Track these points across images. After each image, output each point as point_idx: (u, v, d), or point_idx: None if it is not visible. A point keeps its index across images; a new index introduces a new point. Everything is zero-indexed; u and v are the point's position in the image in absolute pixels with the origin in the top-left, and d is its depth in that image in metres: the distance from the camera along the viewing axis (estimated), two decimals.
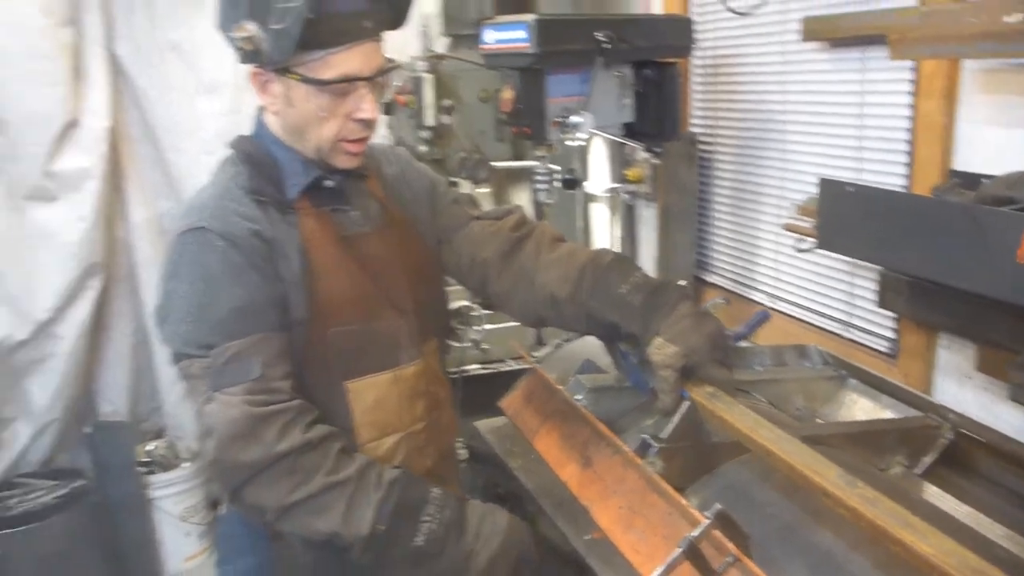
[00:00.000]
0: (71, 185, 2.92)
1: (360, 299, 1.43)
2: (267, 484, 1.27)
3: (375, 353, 1.45)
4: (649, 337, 1.34)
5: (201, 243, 1.33)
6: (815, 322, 2.21)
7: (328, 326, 1.40)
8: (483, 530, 1.35)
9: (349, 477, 1.28)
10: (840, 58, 2.03)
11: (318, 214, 1.43)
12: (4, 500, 2.97)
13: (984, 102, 1.66)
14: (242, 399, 1.26)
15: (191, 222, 1.36)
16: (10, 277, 2.89)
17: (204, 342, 1.31)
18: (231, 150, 1.46)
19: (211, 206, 1.37)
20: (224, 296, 1.31)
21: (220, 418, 1.26)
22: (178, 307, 1.34)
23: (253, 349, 1.30)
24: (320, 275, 1.39)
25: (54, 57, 2.77)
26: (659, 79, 2.23)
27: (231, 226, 1.34)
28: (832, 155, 2.08)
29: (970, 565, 0.86)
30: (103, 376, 3.34)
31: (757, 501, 1.28)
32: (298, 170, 1.42)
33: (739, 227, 2.53)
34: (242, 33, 1.27)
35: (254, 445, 1.25)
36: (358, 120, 1.36)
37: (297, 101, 1.34)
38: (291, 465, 1.26)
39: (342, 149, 1.39)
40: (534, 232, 1.60)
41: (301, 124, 1.37)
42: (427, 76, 2.64)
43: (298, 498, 1.26)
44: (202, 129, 3.12)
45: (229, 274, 1.32)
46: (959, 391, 1.79)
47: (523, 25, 1.99)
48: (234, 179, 1.40)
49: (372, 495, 1.28)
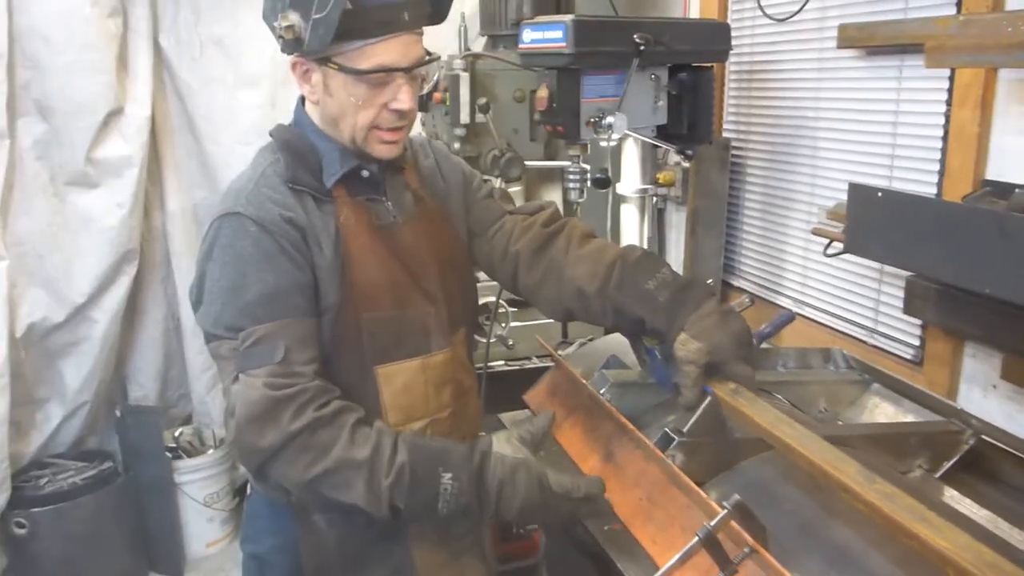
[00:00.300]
0: (112, 172, 2.99)
1: (392, 287, 1.46)
2: (286, 463, 1.30)
3: (405, 340, 1.48)
4: (674, 333, 1.35)
5: (235, 228, 1.36)
6: (841, 328, 2.21)
7: (361, 312, 1.42)
8: (503, 498, 1.34)
9: (364, 459, 1.30)
10: (876, 66, 2.03)
11: (354, 203, 1.46)
12: (35, 479, 3.04)
13: (1020, 112, 1.66)
14: (263, 381, 1.29)
15: (227, 207, 1.39)
16: (49, 260, 2.97)
17: (233, 324, 1.34)
18: (270, 138, 1.50)
19: (247, 192, 1.40)
20: (254, 280, 1.34)
21: (241, 399, 1.29)
22: (211, 289, 1.37)
23: (278, 333, 1.33)
24: (354, 262, 1.42)
25: (101, 47, 2.84)
26: (694, 83, 2.24)
27: (265, 212, 1.37)
28: (864, 163, 2.09)
29: (985, 560, 0.87)
30: (134, 361, 3.42)
31: (777, 498, 1.29)
32: (336, 159, 1.45)
33: (768, 232, 2.54)
34: (285, 22, 1.31)
35: (271, 427, 1.28)
36: (393, 111, 1.39)
37: (335, 90, 1.37)
38: (305, 442, 1.29)
39: (377, 138, 1.42)
40: (565, 228, 1.62)
41: (338, 113, 1.40)
42: (463, 75, 2.67)
43: (316, 473, 1.29)
44: (239, 121, 3.19)
45: (260, 259, 1.35)
46: (984, 400, 1.78)
47: (561, 26, 2.01)
48: (272, 166, 1.43)
49: (383, 480, 1.30)
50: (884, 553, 1.09)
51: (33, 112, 2.85)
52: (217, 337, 1.37)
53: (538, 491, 1.36)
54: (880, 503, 0.99)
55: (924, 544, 0.92)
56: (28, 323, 2.93)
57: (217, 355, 1.38)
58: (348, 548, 1.48)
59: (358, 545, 1.49)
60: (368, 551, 1.49)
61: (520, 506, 1.35)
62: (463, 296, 1.64)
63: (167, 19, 3.11)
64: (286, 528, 1.50)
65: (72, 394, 3.15)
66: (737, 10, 2.59)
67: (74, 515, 2.98)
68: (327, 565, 1.49)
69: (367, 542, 1.49)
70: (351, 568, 1.50)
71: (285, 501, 1.46)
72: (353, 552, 1.49)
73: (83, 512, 3.00)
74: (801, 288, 2.37)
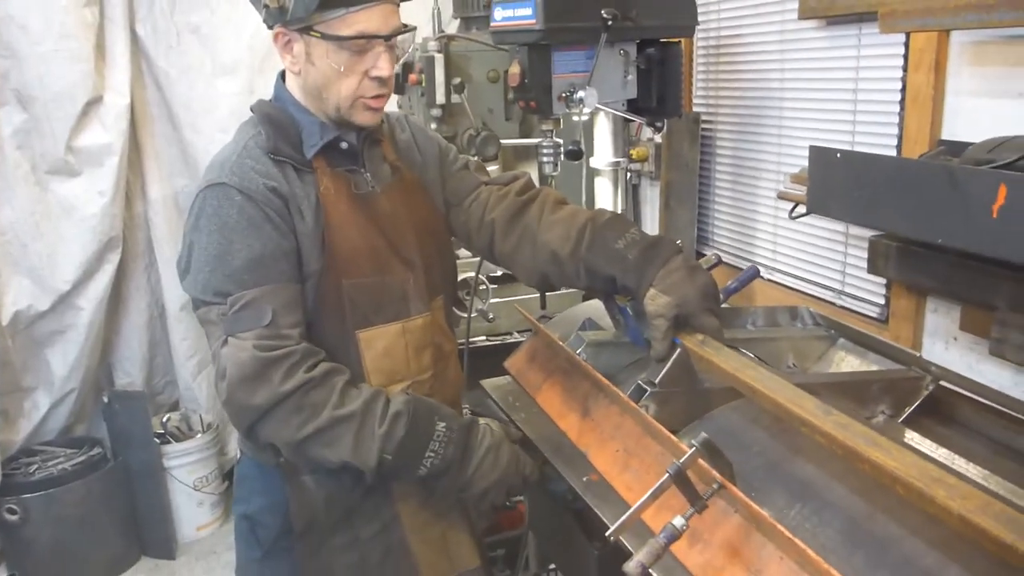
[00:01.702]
0: (93, 160, 3.02)
1: (371, 253, 1.51)
2: (278, 422, 1.36)
3: (385, 305, 1.54)
4: (644, 289, 1.42)
5: (220, 197, 1.41)
6: (810, 292, 2.29)
7: (341, 278, 1.48)
8: (484, 464, 1.45)
9: (355, 411, 1.37)
10: (836, 35, 2.10)
11: (333, 174, 1.51)
12: (25, 467, 3.08)
13: (971, 74, 1.73)
14: (252, 343, 1.35)
15: (211, 178, 1.44)
16: (32, 249, 3.00)
17: (221, 290, 1.39)
18: (252, 113, 1.54)
19: (231, 163, 1.44)
20: (240, 247, 1.39)
21: (231, 361, 1.35)
22: (198, 257, 1.43)
23: (265, 298, 1.38)
24: (335, 230, 1.48)
25: (78, 36, 2.87)
26: (662, 58, 2.29)
27: (248, 182, 1.41)
28: (827, 129, 2.16)
29: (930, 475, 0.93)
30: (119, 349, 3.46)
31: (744, 442, 1.35)
32: (315, 131, 1.50)
33: (738, 202, 2.61)
34: None
35: (262, 387, 1.34)
36: (374, 78, 1.44)
37: (317, 59, 1.42)
38: (298, 402, 1.35)
39: (362, 105, 1.47)
40: (539, 195, 1.68)
41: (321, 82, 1.44)
42: (438, 56, 2.72)
43: (308, 432, 1.35)
44: (218, 109, 3.23)
45: (245, 227, 1.40)
46: (945, 353, 1.86)
47: (530, 3, 2.06)
48: (254, 139, 1.48)
49: (377, 429, 1.37)
50: (844, 484, 1.16)
51: (12, 101, 2.88)
52: (206, 303, 1.42)
53: (515, 468, 1.51)
54: (836, 432, 1.05)
55: (876, 466, 0.99)
56: (13, 311, 2.97)
57: (206, 320, 1.43)
58: (335, 506, 1.55)
59: (345, 503, 1.55)
60: (355, 508, 1.56)
61: (499, 477, 1.48)
62: (441, 263, 1.69)
63: (143, 8, 3.14)
64: (275, 488, 1.55)
65: (59, 382, 3.18)
66: None
67: (65, 500, 3.03)
68: (316, 523, 1.55)
69: (354, 500, 1.55)
70: (340, 525, 1.56)
71: (274, 463, 1.52)
72: (341, 510, 1.55)
73: (74, 497, 3.05)
74: (772, 254, 2.44)
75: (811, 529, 1.13)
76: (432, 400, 1.51)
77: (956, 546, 0.98)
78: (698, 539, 1.17)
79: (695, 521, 1.12)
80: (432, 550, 1.60)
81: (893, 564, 1.02)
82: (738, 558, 1.11)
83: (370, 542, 1.57)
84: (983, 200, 1.32)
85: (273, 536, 1.58)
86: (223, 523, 3.54)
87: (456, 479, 1.44)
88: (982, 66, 1.70)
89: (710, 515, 1.15)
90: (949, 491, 0.89)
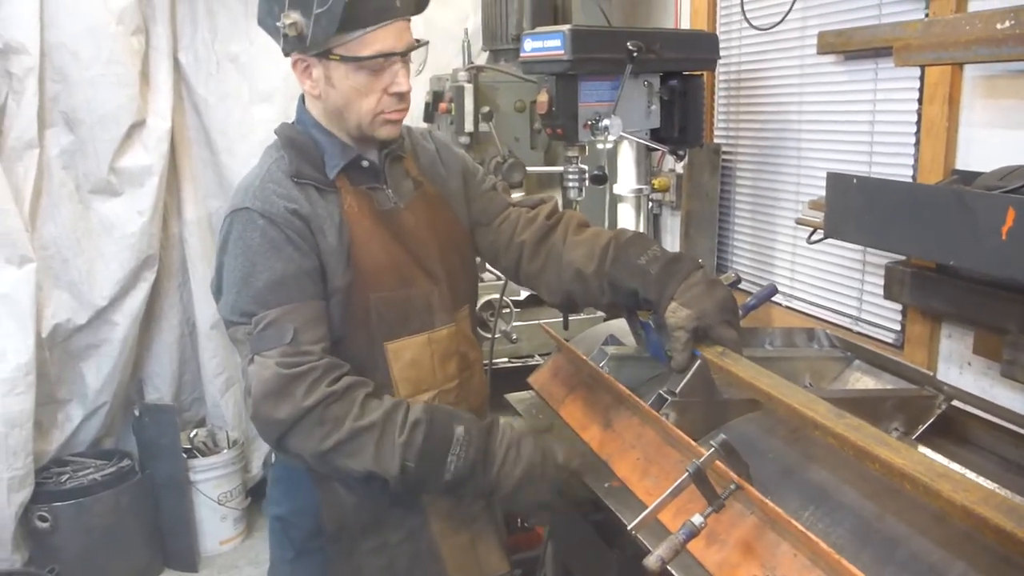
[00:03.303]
0: (134, 181, 3.15)
1: (396, 267, 1.58)
2: (302, 435, 1.42)
3: (411, 317, 1.60)
4: (665, 302, 1.48)
5: (244, 222, 1.49)
6: (828, 318, 2.34)
7: (368, 292, 1.55)
8: (507, 460, 1.48)
9: (375, 422, 1.42)
10: (854, 69, 2.18)
11: (356, 192, 1.58)
12: (56, 476, 3.16)
13: (984, 106, 1.80)
14: (275, 361, 1.41)
15: (237, 203, 1.52)
16: (73, 264, 3.11)
17: (246, 310, 1.47)
18: (275, 136, 1.61)
19: (254, 188, 1.52)
20: (263, 269, 1.47)
21: (256, 378, 1.42)
22: (227, 279, 1.50)
23: (287, 317, 1.45)
24: (359, 246, 1.54)
25: (125, 62, 3.00)
26: (684, 89, 2.38)
27: (270, 205, 1.49)
28: (845, 160, 2.23)
29: (936, 471, 0.99)
30: (150, 365, 3.56)
31: (760, 450, 1.41)
32: (337, 152, 1.57)
33: (757, 231, 2.67)
34: (288, 20, 1.42)
35: (285, 402, 1.40)
36: (394, 94, 1.52)
37: (337, 81, 1.49)
38: (320, 416, 1.41)
39: (381, 121, 1.54)
40: (563, 218, 1.76)
41: (342, 103, 1.52)
42: (467, 86, 2.82)
43: (330, 445, 1.41)
44: (254, 134, 3.35)
45: (267, 249, 1.47)
46: (960, 377, 1.91)
47: (559, 35, 2.16)
48: (276, 163, 1.55)
49: (396, 438, 1.42)
50: (854, 488, 1.21)
51: (60, 123, 3.01)
52: (234, 323, 1.50)
53: (540, 458, 1.51)
54: (847, 433, 1.11)
55: (885, 464, 1.04)
56: (53, 324, 3.07)
57: (235, 339, 1.51)
58: (365, 511, 1.60)
59: (374, 509, 1.60)
60: (384, 515, 1.61)
61: (524, 470, 1.48)
62: (464, 275, 1.76)
63: (186, 37, 3.28)
64: (306, 492, 1.61)
65: (92, 395, 3.28)
66: (725, 21, 2.75)
67: (94, 510, 3.10)
68: (346, 527, 1.61)
69: (382, 506, 1.60)
70: (369, 530, 1.61)
71: (305, 467, 1.58)
72: (370, 515, 1.61)
73: (102, 507, 3.12)
74: (790, 281, 2.50)
75: (823, 529, 1.18)
76: (451, 407, 1.56)
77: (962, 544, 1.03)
78: (715, 539, 1.22)
79: (712, 521, 1.18)
80: (461, 556, 1.65)
81: (901, 560, 1.07)
82: (753, 555, 1.16)
83: (399, 547, 1.62)
84: (993, 223, 1.38)
85: (304, 537, 1.63)
86: (245, 538, 3.60)
87: (482, 481, 1.48)
88: (994, 99, 1.77)
89: (727, 516, 1.20)
90: (954, 485, 0.95)
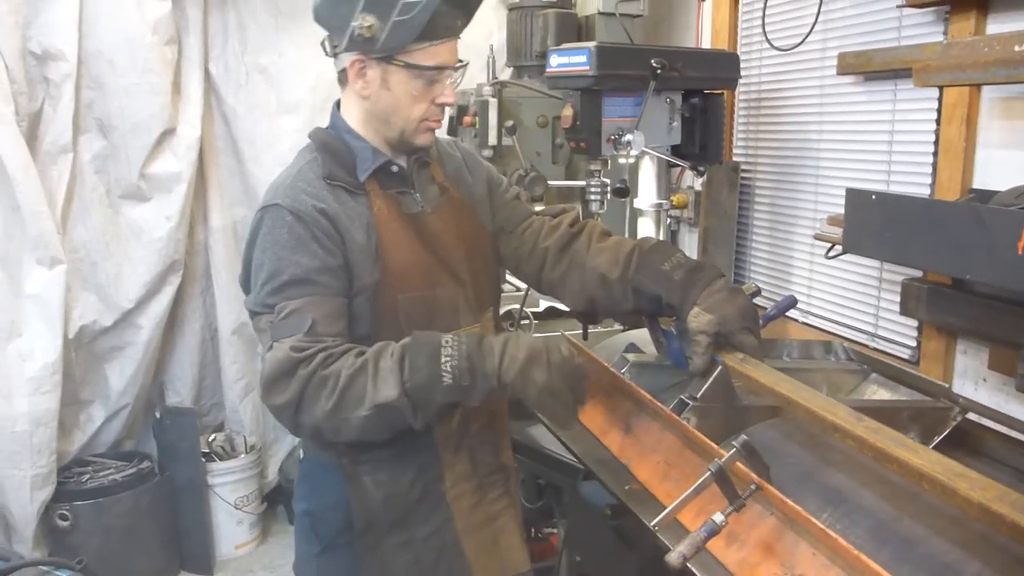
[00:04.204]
0: (163, 187, 3.22)
1: (422, 269, 1.63)
2: (310, 403, 1.43)
3: (438, 317, 1.64)
4: (688, 307, 1.53)
5: (274, 218, 1.54)
6: (845, 334, 2.37)
7: (397, 292, 1.59)
8: (508, 349, 1.44)
9: (366, 360, 1.44)
10: (873, 90, 2.23)
11: (385, 195, 1.63)
12: (77, 475, 3.21)
13: (1000, 127, 1.85)
14: (290, 345, 1.45)
15: (267, 200, 1.57)
16: (102, 268, 3.18)
17: (271, 302, 1.51)
18: (309, 139, 1.67)
19: (285, 187, 1.57)
20: (289, 263, 1.51)
21: (269, 361, 1.45)
22: (255, 273, 1.55)
23: (308, 308, 1.49)
24: (388, 247, 1.59)
25: (159, 71, 3.08)
26: (705, 107, 2.44)
27: (299, 203, 1.53)
28: (864, 179, 2.27)
29: (954, 471, 1.02)
30: (172, 368, 3.61)
31: (779, 454, 1.44)
32: (368, 156, 1.63)
33: (775, 248, 2.72)
34: (364, 23, 1.48)
35: (290, 381, 1.43)
36: (440, 104, 1.59)
37: (395, 85, 1.56)
38: (320, 378, 1.42)
39: (424, 127, 1.62)
40: (586, 227, 1.81)
41: (392, 107, 1.58)
42: (492, 100, 2.89)
43: (335, 399, 1.42)
44: (280, 143, 3.43)
45: (294, 244, 1.52)
46: (975, 393, 1.94)
47: (585, 51, 2.22)
48: (309, 164, 1.61)
49: (388, 361, 1.43)
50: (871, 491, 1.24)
51: (94, 129, 3.09)
52: (258, 314, 1.54)
53: (543, 344, 1.46)
54: (866, 435, 1.15)
55: (904, 464, 1.08)
56: (80, 325, 3.13)
57: (258, 329, 1.55)
58: (393, 507, 1.64)
59: (403, 504, 1.64)
60: (412, 510, 1.65)
61: (527, 354, 1.43)
62: (488, 278, 1.81)
63: (217, 48, 3.37)
64: (335, 487, 1.64)
65: (115, 396, 3.33)
66: (745, 41, 2.81)
67: (113, 510, 3.15)
68: (375, 522, 1.64)
69: (410, 501, 1.64)
70: (396, 525, 1.65)
71: (336, 462, 1.62)
72: (398, 510, 1.64)
73: (122, 507, 3.16)
74: (807, 298, 2.54)
75: (841, 530, 1.20)
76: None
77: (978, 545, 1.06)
78: (735, 539, 1.25)
79: (733, 521, 1.21)
80: (484, 552, 1.69)
81: (918, 560, 1.10)
82: (773, 555, 1.19)
83: (425, 542, 1.65)
84: (1008, 238, 1.42)
85: (332, 532, 1.66)
86: (260, 543, 3.64)
87: (488, 375, 1.43)
88: (1011, 120, 1.82)
89: (747, 516, 1.24)
90: (971, 483, 0.98)
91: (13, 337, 2.95)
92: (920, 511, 1.17)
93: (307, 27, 3.36)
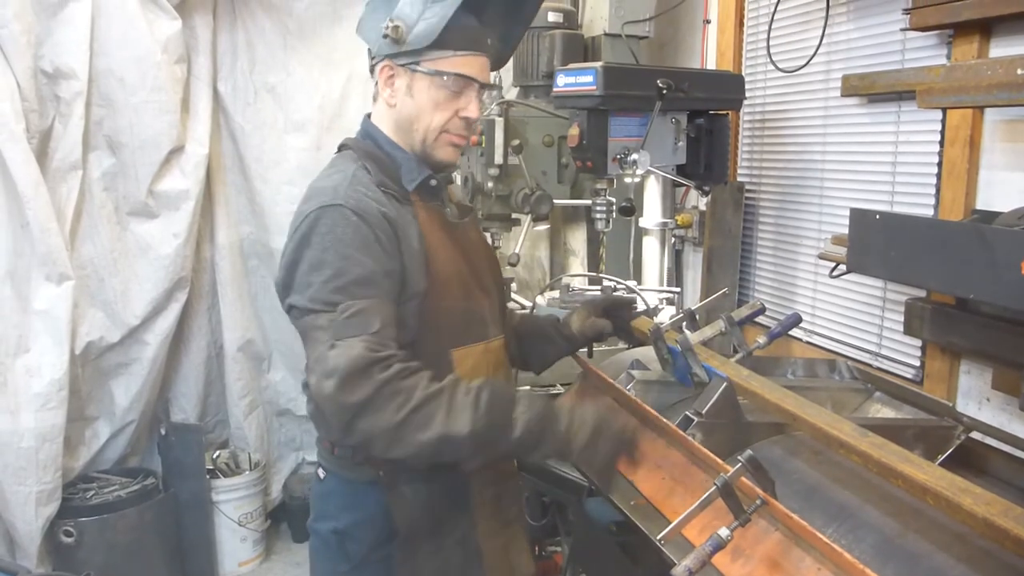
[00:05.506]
0: (171, 204, 3.24)
1: (461, 280, 1.66)
2: (376, 410, 1.42)
3: (471, 327, 1.68)
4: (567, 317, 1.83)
5: (336, 217, 1.53)
6: (848, 354, 2.38)
7: (440, 301, 1.61)
8: (575, 417, 1.50)
9: (443, 387, 1.45)
10: (877, 111, 2.25)
11: (426, 207, 1.66)
12: (82, 492, 3.21)
13: (1003, 149, 1.86)
14: (363, 344, 1.44)
15: (325, 200, 1.55)
16: (109, 284, 3.19)
17: (331, 300, 1.49)
18: (347, 149, 1.69)
19: (344, 188, 1.57)
20: (353, 263, 1.51)
21: (343, 358, 1.43)
22: (308, 271, 1.53)
23: (373, 309, 1.49)
24: (434, 257, 1.62)
25: (168, 89, 3.11)
26: (710, 128, 2.46)
27: (364, 205, 1.55)
28: (867, 200, 2.29)
29: (958, 486, 1.03)
30: (177, 385, 3.61)
31: (784, 470, 1.45)
32: (413, 167, 1.66)
33: (779, 268, 2.73)
34: (391, 24, 1.53)
35: (366, 381, 1.42)
36: (463, 118, 1.62)
37: (418, 92, 1.59)
38: (394, 388, 1.42)
39: (446, 140, 1.64)
40: None
41: (415, 114, 1.61)
42: (498, 120, 2.90)
43: (404, 415, 1.42)
44: (287, 162, 3.46)
45: (360, 244, 1.52)
46: (978, 413, 1.94)
47: (592, 71, 2.25)
48: (360, 170, 1.62)
49: (465, 398, 1.45)
50: (875, 507, 1.25)
51: (103, 146, 3.11)
52: (313, 311, 1.50)
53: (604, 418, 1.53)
54: (872, 451, 1.15)
55: (908, 479, 1.09)
56: (86, 341, 3.13)
57: (313, 326, 1.50)
58: (430, 514, 1.64)
59: (436, 513, 1.64)
60: (442, 519, 1.65)
61: (593, 425, 1.50)
62: (501, 294, 1.85)
63: (225, 67, 3.41)
64: (368, 503, 1.63)
65: (120, 413, 3.33)
66: (750, 63, 2.84)
67: (118, 526, 3.14)
68: (416, 528, 1.63)
69: (442, 509, 1.65)
70: (432, 532, 1.65)
71: (370, 478, 1.61)
72: (434, 517, 1.64)
73: (126, 523, 3.15)
74: (811, 318, 2.55)
75: (846, 545, 1.21)
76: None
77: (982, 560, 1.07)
78: (740, 553, 1.26)
79: (738, 536, 1.21)
80: (497, 558, 1.71)
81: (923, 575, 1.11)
82: (778, 570, 1.20)
83: (453, 548, 1.66)
84: (1010, 258, 1.43)
85: (364, 549, 1.64)
86: (263, 560, 3.62)
87: (556, 435, 1.48)
88: (1013, 142, 1.84)
89: (752, 532, 1.24)
90: (975, 499, 0.99)
91: (21, 353, 2.95)
92: (925, 526, 1.18)
93: (315, 47, 3.47)
